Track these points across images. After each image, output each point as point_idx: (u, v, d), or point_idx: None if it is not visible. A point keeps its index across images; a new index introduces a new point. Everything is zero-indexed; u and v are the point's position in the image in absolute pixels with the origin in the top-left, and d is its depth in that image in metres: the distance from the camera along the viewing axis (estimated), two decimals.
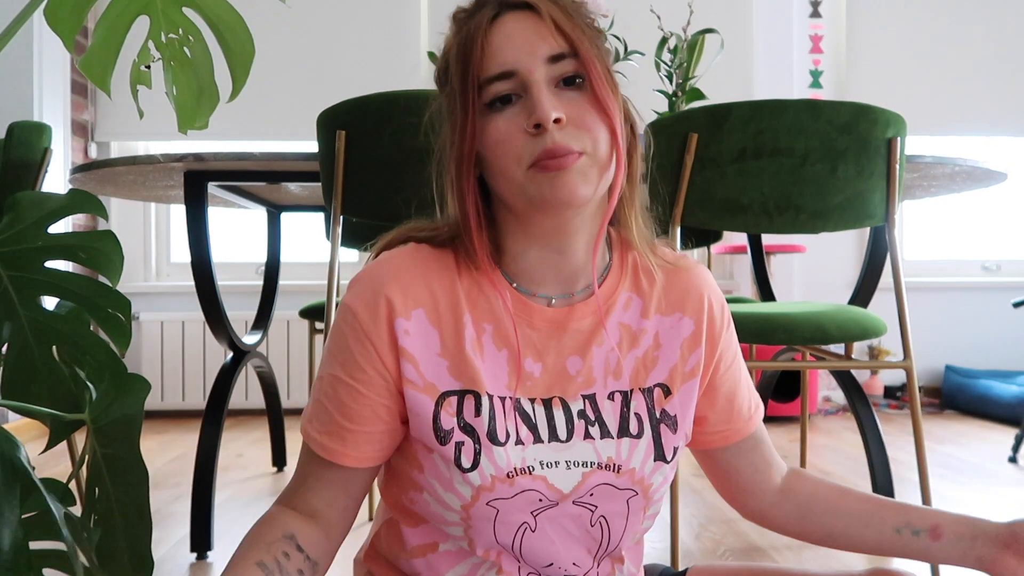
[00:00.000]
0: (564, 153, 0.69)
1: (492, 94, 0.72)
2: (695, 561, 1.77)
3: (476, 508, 0.74)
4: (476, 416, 0.75)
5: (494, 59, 0.72)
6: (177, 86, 0.78)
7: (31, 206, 0.83)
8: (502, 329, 0.78)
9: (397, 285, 0.76)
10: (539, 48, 0.71)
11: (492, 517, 0.75)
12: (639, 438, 0.78)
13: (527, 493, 0.75)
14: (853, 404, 1.98)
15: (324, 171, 1.61)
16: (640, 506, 0.79)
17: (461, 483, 0.74)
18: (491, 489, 0.74)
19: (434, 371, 0.76)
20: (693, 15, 2.04)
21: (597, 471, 0.76)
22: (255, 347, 2.19)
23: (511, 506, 0.75)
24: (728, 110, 1.46)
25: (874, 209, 1.53)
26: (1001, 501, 2.27)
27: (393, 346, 0.75)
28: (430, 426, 0.75)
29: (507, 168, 0.72)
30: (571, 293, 0.80)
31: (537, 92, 0.70)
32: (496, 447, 0.74)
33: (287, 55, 3.62)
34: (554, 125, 0.69)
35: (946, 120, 3.84)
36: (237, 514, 2.13)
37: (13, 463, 0.67)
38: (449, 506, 0.76)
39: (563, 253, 0.77)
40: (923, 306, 3.80)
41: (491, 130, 0.72)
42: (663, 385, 0.81)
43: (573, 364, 0.79)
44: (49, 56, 3.22)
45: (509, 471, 0.74)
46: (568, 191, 0.70)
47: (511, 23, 0.73)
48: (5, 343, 0.85)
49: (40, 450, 0.97)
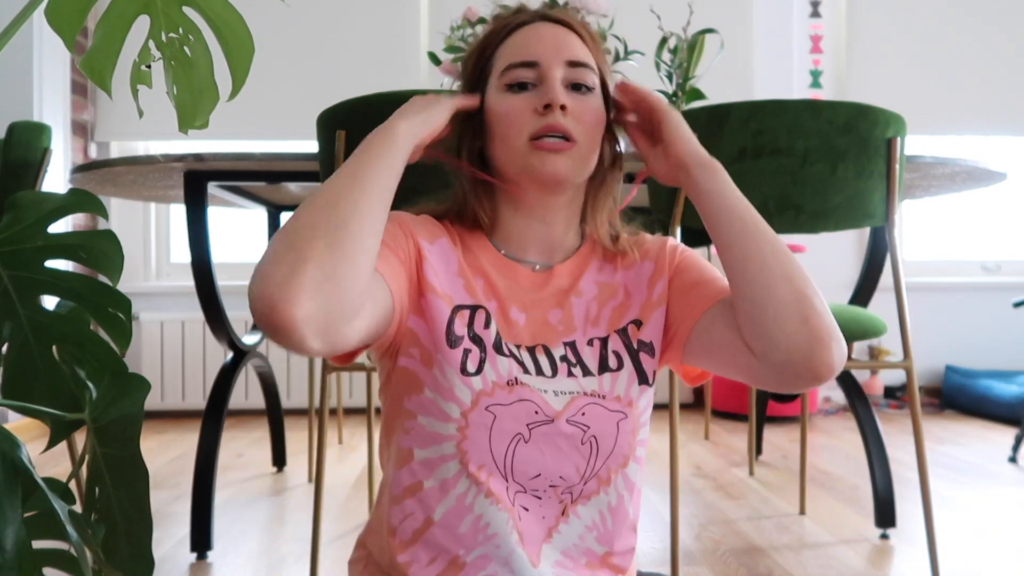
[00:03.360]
0: (562, 132, 0.82)
1: (513, 77, 0.85)
2: (695, 561, 1.77)
3: (475, 413, 0.79)
4: (485, 328, 0.83)
5: (522, 50, 0.86)
6: (177, 85, 0.78)
7: (31, 206, 0.83)
8: (491, 282, 0.87)
9: (418, 226, 0.87)
10: (563, 51, 0.85)
11: (489, 424, 0.80)
12: (620, 370, 0.85)
13: (525, 403, 0.81)
14: (853, 404, 1.98)
15: (324, 171, 1.61)
16: (629, 428, 0.85)
17: (462, 388, 0.80)
18: (491, 394, 0.80)
19: (451, 286, 0.84)
20: (693, 15, 2.04)
21: (582, 396, 0.84)
22: (255, 347, 2.19)
23: (508, 413, 0.80)
24: (728, 110, 1.46)
25: (874, 209, 1.53)
26: (1001, 501, 2.27)
27: (418, 252, 0.84)
28: (443, 330, 0.81)
29: (510, 136, 0.84)
30: (551, 263, 0.90)
31: (552, 81, 0.84)
32: (500, 356, 0.82)
33: (287, 55, 3.62)
34: (560, 110, 0.82)
35: (946, 120, 3.84)
36: (237, 514, 2.13)
37: (14, 462, 0.67)
38: (448, 416, 0.80)
39: (546, 223, 0.89)
40: (923, 306, 3.80)
41: (505, 104, 0.85)
42: (635, 320, 0.88)
43: (554, 315, 0.87)
44: (49, 56, 3.22)
45: (510, 379, 0.81)
46: (554, 168, 0.83)
47: (544, 28, 0.87)
48: (5, 343, 0.85)
49: (40, 450, 0.97)
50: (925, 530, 1.56)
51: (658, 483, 2.40)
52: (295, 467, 2.66)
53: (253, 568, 1.76)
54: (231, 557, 1.82)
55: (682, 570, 1.70)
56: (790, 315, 0.75)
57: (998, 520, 2.09)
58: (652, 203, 1.56)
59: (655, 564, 1.72)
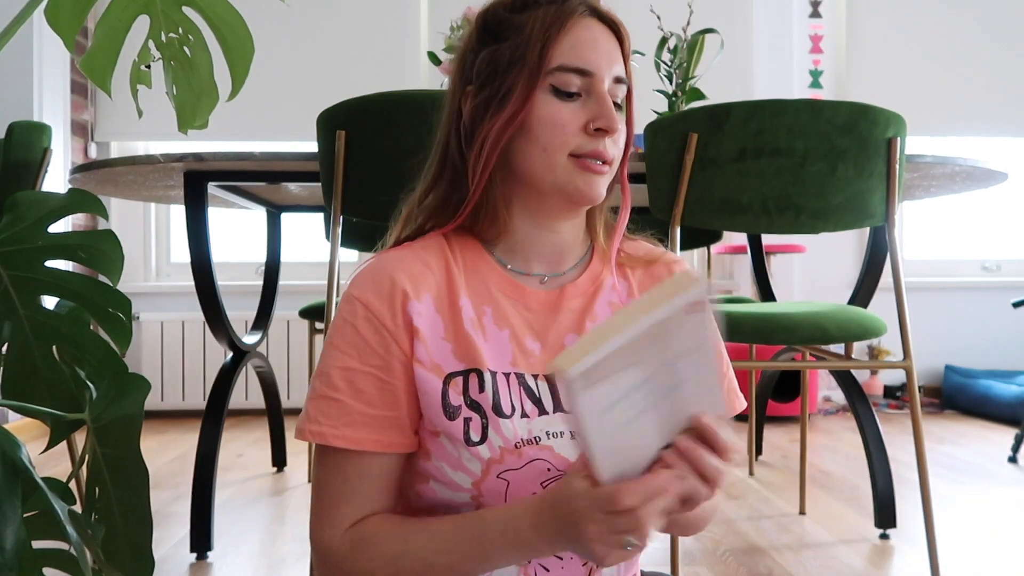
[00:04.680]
0: (608, 160, 0.80)
1: (563, 83, 0.79)
2: (695, 561, 1.77)
3: (487, 483, 0.76)
4: (480, 392, 0.77)
5: (576, 53, 0.79)
6: (177, 86, 0.78)
7: (31, 206, 0.83)
8: (501, 310, 0.82)
9: (405, 273, 0.80)
10: (614, 66, 0.80)
11: (503, 490, 0.76)
12: None
13: (536, 463, 0.76)
14: (853, 404, 1.98)
15: (324, 171, 1.61)
16: None
17: (470, 459, 0.76)
18: (500, 461, 0.76)
19: (440, 353, 0.79)
20: (693, 15, 2.04)
21: None
22: (255, 347, 2.19)
23: (521, 477, 0.76)
24: (728, 110, 1.46)
25: (874, 209, 1.53)
26: (1001, 501, 2.27)
27: (408, 328, 0.78)
28: (439, 403, 0.77)
29: (552, 148, 0.79)
30: (561, 272, 0.86)
31: (607, 101, 0.79)
32: (502, 419, 0.77)
33: (287, 55, 3.62)
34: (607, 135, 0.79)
35: (946, 120, 3.84)
36: (237, 514, 2.13)
37: (14, 462, 0.67)
38: (459, 486, 0.77)
39: (556, 232, 0.85)
40: (923, 306, 3.79)
41: (550, 111, 0.79)
42: None
43: (570, 340, 0.83)
44: (49, 56, 3.22)
45: (516, 442, 0.76)
46: (596, 192, 0.80)
47: (598, 30, 0.81)
48: (5, 343, 0.85)
49: (40, 450, 0.97)
50: (925, 530, 1.55)
51: None
52: (295, 467, 2.66)
53: (253, 568, 1.76)
54: (231, 557, 1.82)
55: (682, 570, 1.70)
56: None
57: (998, 520, 2.09)
58: (652, 203, 1.56)
59: (655, 564, 1.72)
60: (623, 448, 0.61)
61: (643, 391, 0.59)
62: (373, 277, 0.80)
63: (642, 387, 0.58)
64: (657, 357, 0.58)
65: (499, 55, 0.80)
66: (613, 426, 0.59)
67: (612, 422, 0.58)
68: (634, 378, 0.58)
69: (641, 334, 0.56)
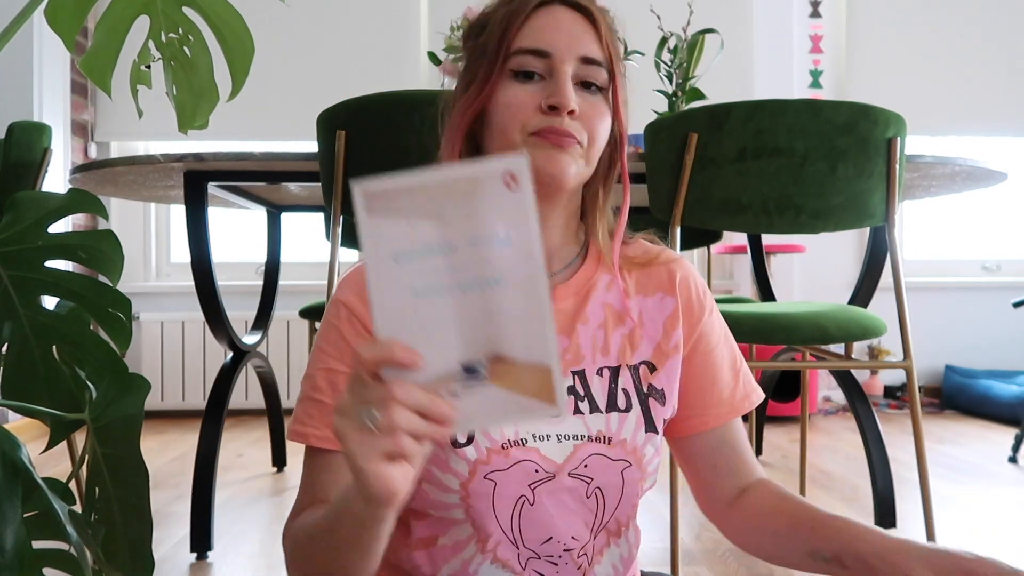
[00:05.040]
0: (569, 135, 0.76)
1: (519, 64, 0.77)
2: (695, 561, 1.77)
3: (474, 483, 0.76)
4: None
5: (534, 35, 0.78)
6: (177, 86, 0.78)
7: (31, 206, 0.83)
8: None
9: None
10: (578, 46, 0.78)
11: (490, 491, 0.76)
12: (628, 412, 0.81)
13: (523, 464, 0.77)
14: (853, 404, 1.98)
15: (324, 171, 1.61)
16: (635, 477, 0.81)
17: (456, 460, 0.76)
18: (487, 462, 0.76)
19: None
20: (693, 15, 2.04)
21: (588, 443, 0.79)
22: (255, 347, 2.19)
23: (508, 478, 0.76)
24: (728, 110, 1.46)
25: (874, 209, 1.53)
26: (1001, 501, 2.27)
27: None
28: None
29: (509, 130, 0.77)
30: (550, 274, 0.85)
31: (563, 79, 0.76)
32: None
33: (287, 55, 3.62)
34: (567, 114, 0.76)
35: (946, 120, 3.84)
36: (237, 514, 2.13)
37: (14, 462, 0.67)
38: (448, 487, 0.77)
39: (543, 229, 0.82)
40: (923, 306, 3.79)
41: (508, 94, 0.78)
42: (648, 362, 0.84)
43: (562, 343, 0.82)
44: (49, 56, 3.22)
45: (503, 443, 0.76)
46: (559, 167, 0.76)
47: (562, 14, 0.79)
48: (5, 343, 0.85)
49: (40, 450, 0.96)
50: (925, 530, 1.55)
51: (658, 483, 2.39)
52: (295, 467, 2.66)
53: (253, 568, 1.75)
54: (231, 557, 1.82)
55: (682, 570, 1.70)
56: None
57: (998, 520, 2.09)
58: (652, 203, 1.56)
59: (655, 564, 1.72)
60: (410, 325, 0.52)
61: (444, 263, 0.52)
62: (357, 280, 0.81)
63: (443, 256, 0.52)
64: (463, 225, 0.52)
65: (474, 50, 0.81)
66: (402, 286, 0.52)
67: (402, 279, 0.52)
68: (433, 237, 0.51)
69: (445, 181, 0.52)
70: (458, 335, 0.53)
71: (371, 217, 0.51)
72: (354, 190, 0.51)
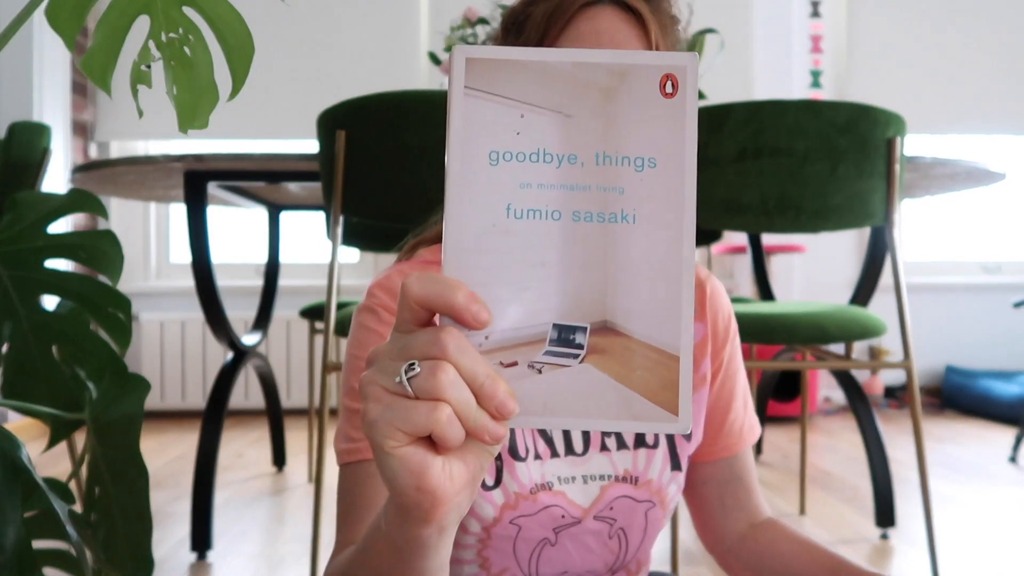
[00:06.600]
0: None
1: None
2: (695, 561, 1.77)
3: (499, 527, 0.73)
4: None
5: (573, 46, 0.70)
6: (177, 85, 0.78)
7: (31, 206, 0.83)
8: None
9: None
10: None
11: (514, 535, 0.73)
12: (655, 448, 0.78)
13: (550, 509, 0.73)
14: (853, 404, 1.98)
15: (324, 171, 1.61)
16: (657, 517, 0.78)
17: (482, 504, 0.72)
18: (514, 507, 0.72)
19: None
20: (693, 15, 2.03)
21: (614, 484, 0.76)
22: (255, 347, 2.19)
23: (534, 523, 0.73)
24: (728, 110, 1.46)
25: (874, 209, 1.53)
26: (1001, 501, 2.27)
27: None
28: None
29: None
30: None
31: None
32: (518, 462, 0.72)
33: (287, 55, 3.62)
34: None
35: (946, 120, 3.84)
36: (237, 514, 2.13)
37: (14, 462, 0.67)
38: (468, 530, 0.73)
39: None
40: (923, 306, 3.80)
41: None
42: None
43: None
44: (49, 56, 3.22)
45: (532, 487, 0.73)
46: None
47: (607, 18, 0.71)
48: (5, 343, 0.85)
49: (40, 450, 0.96)
50: (925, 530, 1.55)
51: None
52: (295, 467, 2.66)
53: (253, 568, 1.75)
54: (231, 557, 1.82)
55: (682, 570, 1.70)
56: None
57: (998, 520, 2.09)
58: None
59: (655, 564, 1.72)
60: (494, 256, 0.39)
61: (558, 178, 0.39)
62: (388, 284, 0.75)
63: (558, 169, 0.39)
64: (594, 132, 0.39)
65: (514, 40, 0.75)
66: (495, 199, 0.39)
67: (496, 190, 0.39)
68: (551, 139, 0.39)
69: (579, 67, 0.39)
70: (559, 282, 0.39)
71: (469, 96, 0.39)
72: (454, 54, 0.39)
